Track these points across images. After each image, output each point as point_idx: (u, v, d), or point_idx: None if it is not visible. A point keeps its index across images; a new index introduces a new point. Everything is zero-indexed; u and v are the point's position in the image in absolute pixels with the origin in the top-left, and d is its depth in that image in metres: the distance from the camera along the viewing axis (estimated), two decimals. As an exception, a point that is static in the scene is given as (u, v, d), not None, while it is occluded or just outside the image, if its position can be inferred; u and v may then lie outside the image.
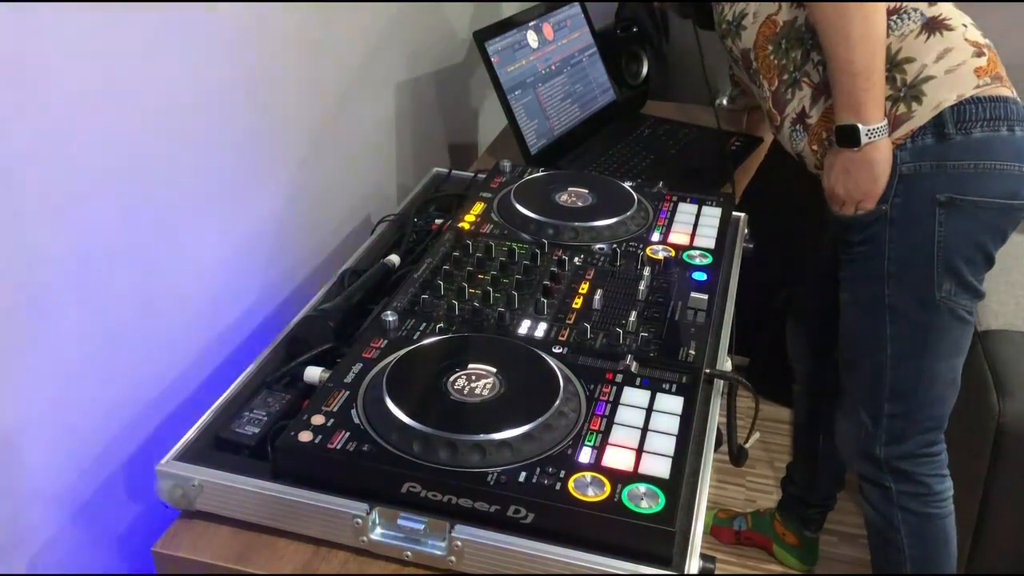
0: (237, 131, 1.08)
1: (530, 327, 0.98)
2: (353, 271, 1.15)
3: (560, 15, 1.68)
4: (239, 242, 1.12)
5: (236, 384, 0.94)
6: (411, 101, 1.59)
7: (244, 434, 0.87)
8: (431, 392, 0.85)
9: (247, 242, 1.14)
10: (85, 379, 0.89)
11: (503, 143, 1.70)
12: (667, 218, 1.22)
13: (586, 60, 1.72)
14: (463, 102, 1.87)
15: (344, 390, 0.86)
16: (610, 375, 0.90)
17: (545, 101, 1.59)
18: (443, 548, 0.77)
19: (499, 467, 0.78)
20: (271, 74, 1.14)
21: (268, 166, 1.17)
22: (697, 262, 1.12)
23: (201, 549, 0.81)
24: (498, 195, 1.26)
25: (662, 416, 0.85)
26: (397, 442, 0.80)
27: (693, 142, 1.70)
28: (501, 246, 1.12)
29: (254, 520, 0.81)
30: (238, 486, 0.81)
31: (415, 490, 0.78)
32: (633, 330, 0.97)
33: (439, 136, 1.77)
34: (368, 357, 0.92)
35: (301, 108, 1.23)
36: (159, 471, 0.82)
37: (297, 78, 1.21)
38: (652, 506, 0.75)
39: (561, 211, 1.20)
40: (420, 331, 0.97)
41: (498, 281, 1.06)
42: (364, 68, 1.40)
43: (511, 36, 1.54)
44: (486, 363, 0.89)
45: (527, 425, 0.80)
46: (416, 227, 1.26)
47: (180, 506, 0.83)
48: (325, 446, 0.80)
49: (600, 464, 0.79)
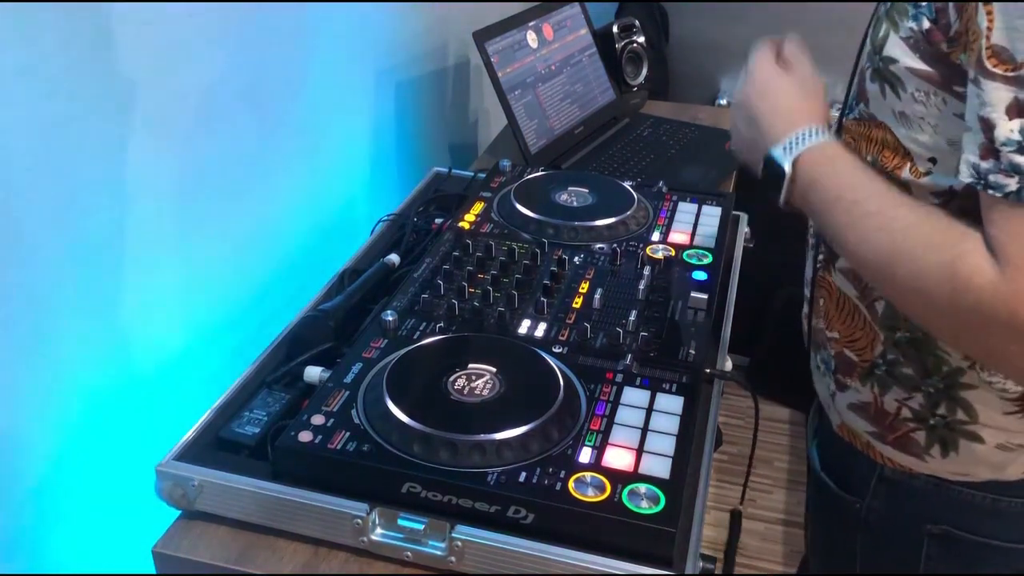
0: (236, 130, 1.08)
1: (530, 327, 0.98)
2: (353, 271, 1.15)
3: (560, 15, 1.68)
4: (239, 241, 1.12)
5: (236, 384, 0.94)
6: (411, 101, 1.59)
7: (244, 434, 0.87)
8: (431, 392, 0.85)
9: (247, 241, 1.14)
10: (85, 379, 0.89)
11: (503, 143, 1.70)
12: (667, 218, 1.22)
13: (586, 60, 1.72)
14: (463, 102, 1.87)
15: (344, 390, 0.86)
16: (610, 375, 0.90)
17: (545, 101, 1.58)
18: (443, 548, 0.77)
19: (499, 467, 0.78)
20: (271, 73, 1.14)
21: (267, 165, 1.16)
22: (697, 262, 1.12)
23: (201, 549, 0.80)
24: (498, 195, 1.26)
25: (662, 416, 0.85)
26: (397, 442, 0.80)
27: (693, 142, 1.70)
28: (501, 246, 1.12)
29: (254, 520, 0.81)
30: (238, 486, 0.81)
31: (415, 490, 0.78)
32: (633, 330, 0.97)
33: (439, 136, 1.77)
34: (368, 357, 0.92)
35: (300, 107, 1.23)
36: (159, 471, 0.82)
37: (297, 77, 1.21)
38: (652, 506, 0.75)
39: (561, 211, 1.20)
40: (420, 331, 0.97)
41: (498, 281, 1.06)
42: (364, 68, 1.40)
43: (511, 36, 1.54)
44: (486, 363, 0.89)
45: (527, 425, 0.80)
46: (416, 227, 1.26)
47: (180, 506, 0.83)
48: (325, 446, 0.80)
49: (600, 464, 0.79)
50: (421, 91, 1.64)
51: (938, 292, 0.70)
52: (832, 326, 0.97)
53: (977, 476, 0.90)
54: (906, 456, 0.93)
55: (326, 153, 1.31)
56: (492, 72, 1.49)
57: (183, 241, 1.01)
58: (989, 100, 0.67)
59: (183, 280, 1.02)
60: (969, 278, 0.67)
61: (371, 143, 1.48)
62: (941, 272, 0.69)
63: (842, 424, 0.99)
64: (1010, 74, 0.66)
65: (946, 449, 0.90)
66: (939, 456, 0.90)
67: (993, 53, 0.67)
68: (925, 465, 0.92)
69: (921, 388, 0.89)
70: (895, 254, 0.73)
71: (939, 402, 0.89)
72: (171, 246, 0.99)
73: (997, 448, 0.88)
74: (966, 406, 0.87)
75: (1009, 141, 0.66)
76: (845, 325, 0.94)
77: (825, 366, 1.00)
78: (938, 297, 0.70)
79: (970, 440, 0.88)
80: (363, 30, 1.38)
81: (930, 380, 0.88)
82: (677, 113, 1.87)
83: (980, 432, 0.88)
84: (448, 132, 1.81)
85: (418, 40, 1.59)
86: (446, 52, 1.72)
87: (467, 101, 1.88)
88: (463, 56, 1.78)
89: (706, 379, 0.93)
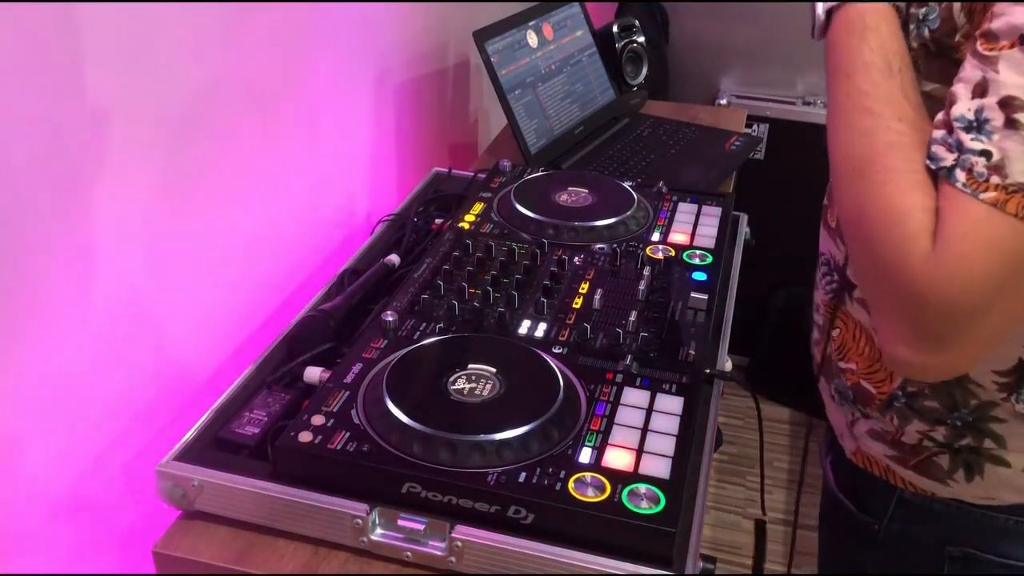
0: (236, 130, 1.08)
1: (530, 327, 0.98)
2: (353, 271, 1.15)
3: (560, 15, 1.68)
4: (239, 241, 1.12)
5: (236, 384, 0.94)
6: (411, 101, 1.59)
7: (244, 434, 0.87)
8: (431, 392, 0.85)
9: (246, 241, 1.14)
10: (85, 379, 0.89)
11: (503, 143, 1.70)
12: (667, 218, 1.22)
13: (586, 60, 1.72)
14: (463, 102, 1.87)
15: (344, 390, 0.86)
16: (610, 375, 0.90)
17: (545, 101, 1.58)
18: (443, 548, 0.77)
19: (499, 467, 0.78)
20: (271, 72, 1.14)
21: (267, 164, 1.16)
22: (697, 262, 1.12)
23: (201, 549, 0.81)
24: (498, 195, 1.26)
25: (662, 416, 0.85)
26: (397, 442, 0.80)
27: (693, 142, 1.70)
28: (501, 246, 1.12)
29: (254, 520, 0.81)
30: (238, 486, 0.81)
31: (415, 490, 0.78)
32: (633, 330, 0.97)
33: (439, 136, 1.77)
34: (368, 357, 0.92)
35: (300, 106, 1.23)
36: (159, 471, 0.82)
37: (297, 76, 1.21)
38: (652, 506, 0.75)
39: (561, 211, 1.20)
40: (420, 331, 0.97)
41: (498, 281, 1.06)
42: (364, 67, 1.40)
43: (511, 36, 1.54)
44: (486, 363, 0.89)
45: (527, 425, 0.80)
46: (416, 227, 1.26)
47: (180, 506, 0.83)
48: (325, 446, 0.80)
49: (600, 464, 0.79)
50: (421, 91, 1.64)
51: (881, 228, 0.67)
52: (848, 357, 0.93)
53: (1003, 500, 0.87)
54: (928, 480, 0.90)
55: (326, 153, 1.31)
56: (492, 72, 1.49)
57: (183, 241, 1.01)
58: (963, 76, 0.66)
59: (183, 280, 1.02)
60: (911, 239, 0.65)
61: (371, 143, 1.48)
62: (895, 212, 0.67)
63: (858, 450, 0.97)
64: (988, 53, 0.64)
65: (971, 474, 0.87)
66: (963, 481, 0.88)
67: (984, 35, 0.65)
68: (948, 489, 0.89)
69: (947, 422, 0.86)
70: (867, 165, 0.69)
71: (965, 434, 0.86)
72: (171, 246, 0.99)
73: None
74: (995, 436, 0.84)
75: (962, 118, 0.65)
76: (863, 357, 0.91)
77: (840, 396, 0.97)
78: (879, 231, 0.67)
79: (996, 464, 0.86)
80: (363, 30, 1.38)
81: (957, 414, 0.85)
82: (677, 113, 1.87)
83: (1007, 457, 0.85)
84: (448, 132, 1.81)
85: (418, 40, 1.59)
86: (446, 52, 1.72)
87: (467, 101, 1.88)
88: (463, 56, 1.78)
89: (706, 379, 0.93)
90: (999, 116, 0.62)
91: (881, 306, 0.71)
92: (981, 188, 0.62)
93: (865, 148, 0.70)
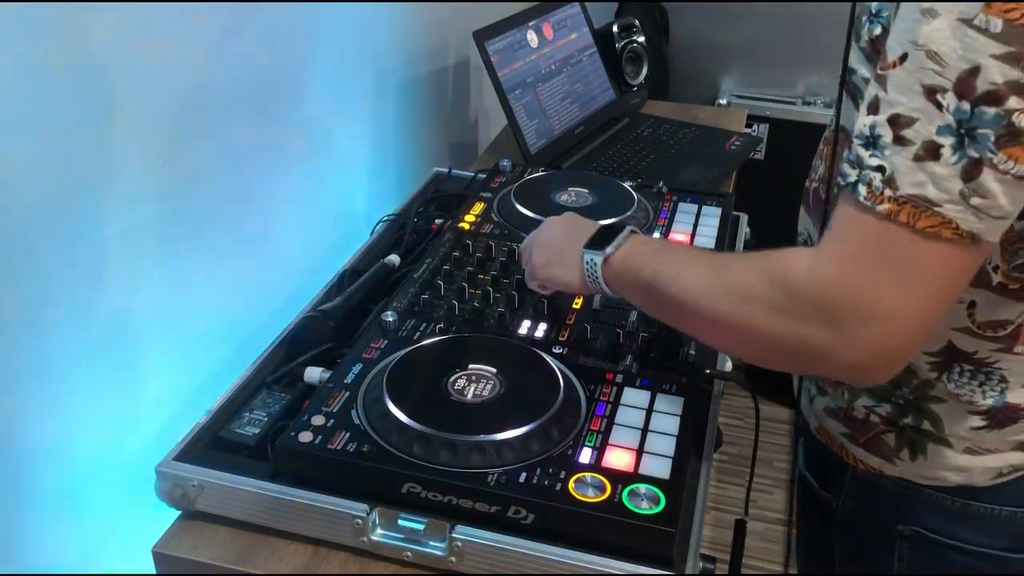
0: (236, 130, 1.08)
1: (530, 327, 0.98)
2: (353, 271, 1.15)
3: (560, 15, 1.68)
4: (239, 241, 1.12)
5: (236, 384, 0.94)
6: (411, 101, 1.59)
7: (244, 434, 0.87)
8: (431, 392, 0.85)
9: (247, 241, 1.14)
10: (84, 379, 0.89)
11: (503, 143, 1.70)
12: (667, 218, 1.22)
13: (586, 60, 1.72)
14: (463, 102, 1.87)
15: (344, 390, 0.86)
16: (610, 375, 0.90)
17: (545, 101, 1.58)
18: (443, 548, 0.77)
19: (499, 467, 0.78)
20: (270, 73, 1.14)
21: (267, 165, 1.16)
22: (697, 262, 1.12)
23: (201, 549, 0.81)
24: (498, 195, 1.26)
25: (662, 417, 0.85)
26: (397, 442, 0.80)
27: (693, 142, 1.70)
28: (501, 246, 1.12)
29: (254, 520, 0.81)
30: (238, 486, 0.81)
31: (415, 490, 0.78)
32: (633, 330, 0.97)
33: (439, 136, 1.77)
34: (368, 357, 0.92)
35: (300, 106, 1.23)
36: (159, 471, 0.82)
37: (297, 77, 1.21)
38: (652, 507, 0.75)
39: (561, 211, 1.19)
40: (420, 331, 0.97)
41: (498, 281, 1.06)
42: (364, 67, 1.40)
43: (511, 36, 1.54)
44: (486, 363, 0.89)
45: (527, 425, 0.80)
46: (416, 227, 1.26)
47: (180, 506, 0.83)
48: (325, 446, 0.80)
49: (600, 465, 0.79)
50: (421, 91, 1.64)
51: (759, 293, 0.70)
52: None
53: (947, 481, 0.89)
54: (876, 458, 0.93)
55: (326, 153, 1.31)
56: (492, 72, 1.49)
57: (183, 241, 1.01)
58: (866, 93, 0.69)
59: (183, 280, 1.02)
60: (785, 270, 0.69)
61: (371, 143, 1.48)
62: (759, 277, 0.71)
63: (819, 427, 1.00)
64: (881, 72, 0.67)
65: (915, 453, 0.89)
66: (908, 459, 0.90)
67: (881, 54, 0.68)
68: (895, 468, 0.92)
69: (890, 399, 0.89)
70: (712, 285, 0.75)
71: (907, 412, 0.89)
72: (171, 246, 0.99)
73: (965, 452, 0.87)
74: (933, 418, 0.87)
75: (860, 134, 0.68)
76: None
77: None
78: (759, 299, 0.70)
79: (938, 444, 0.88)
80: (363, 30, 1.38)
81: (900, 392, 0.88)
82: (677, 113, 1.87)
83: (948, 438, 0.88)
84: (448, 132, 1.81)
85: (418, 40, 1.59)
86: (446, 52, 1.72)
87: (467, 101, 1.88)
88: (463, 56, 1.78)
89: (706, 379, 0.93)
90: (888, 133, 0.66)
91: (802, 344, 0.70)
92: (878, 200, 0.66)
93: (702, 279, 0.76)
